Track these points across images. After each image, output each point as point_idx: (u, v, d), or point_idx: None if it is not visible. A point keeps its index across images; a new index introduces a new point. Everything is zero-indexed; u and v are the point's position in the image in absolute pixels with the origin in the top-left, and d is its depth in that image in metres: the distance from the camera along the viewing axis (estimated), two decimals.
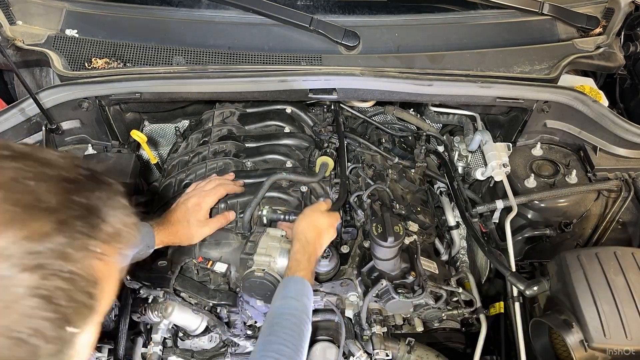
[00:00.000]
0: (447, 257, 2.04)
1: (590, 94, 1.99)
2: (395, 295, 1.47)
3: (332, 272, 1.61)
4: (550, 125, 1.96)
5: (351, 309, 1.58)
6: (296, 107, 1.99)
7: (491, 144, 1.94)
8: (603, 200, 1.87)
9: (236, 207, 1.59)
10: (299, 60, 1.83)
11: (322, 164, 1.70)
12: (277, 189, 1.64)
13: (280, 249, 1.45)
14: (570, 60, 1.90)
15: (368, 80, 1.77)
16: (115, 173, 1.71)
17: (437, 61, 1.87)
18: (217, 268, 1.49)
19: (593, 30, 2.00)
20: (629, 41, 2.14)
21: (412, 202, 1.85)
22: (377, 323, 1.53)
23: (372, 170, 1.91)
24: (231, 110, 2.00)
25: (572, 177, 1.86)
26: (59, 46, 1.82)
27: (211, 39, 1.91)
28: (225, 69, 1.79)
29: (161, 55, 1.82)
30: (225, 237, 1.54)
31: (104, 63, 1.80)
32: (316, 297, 1.53)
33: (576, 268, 1.48)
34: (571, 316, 1.41)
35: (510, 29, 1.99)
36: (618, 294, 1.40)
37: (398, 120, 2.22)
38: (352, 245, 1.70)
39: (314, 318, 1.55)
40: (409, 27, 1.97)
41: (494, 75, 1.85)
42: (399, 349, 1.52)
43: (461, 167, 2.09)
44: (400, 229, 1.49)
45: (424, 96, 1.84)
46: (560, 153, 1.99)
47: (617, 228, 1.88)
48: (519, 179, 1.89)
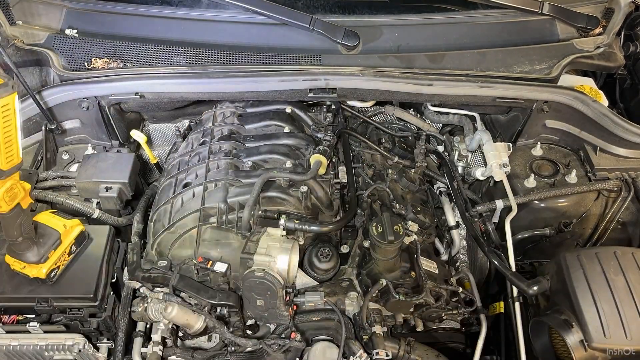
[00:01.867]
0: (447, 257, 2.04)
1: (590, 94, 1.99)
2: (395, 295, 1.47)
3: (332, 272, 1.61)
4: (550, 125, 1.96)
5: (351, 309, 1.58)
6: (296, 107, 1.99)
7: (491, 144, 1.94)
8: (603, 200, 1.87)
9: (236, 207, 1.59)
10: (299, 60, 1.83)
11: (315, 161, 1.69)
12: (277, 189, 1.64)
13: (280, 249, 1.45)
14: (570, 60, 1.90)
15: (368, 80, 1.77)
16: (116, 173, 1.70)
17: (437, 61, 1.87)
18: (217, 268, 1.48)
19: (593, 30, 2.00)
20: (629, 41, 2.14)
21: (412, 202, 1.85)
22: (377, 323, 1.53)
23: (372, 170, 1.91)
24: (231, 110, 2.00)
25: (572, 177, 1.86)
26: (59, 46, 1.83)
27: (211, 38, 1.91)
28: (225, 69, 1.79)
29: (161, 55, 1.82)
30: (225, 237, 1.54)
31: (104, 63, 1.81)
32: (316, 297, 1.53)
33: (576, 268, 1.48)
34: (571, 316, 1.41)
35: (510, 29, 1.99)
36: (618, 294, 1.40)
37: (398, 120, 2.22)
38: (352, 245, 1.70)
39: (314, 318, 1.55)
40: (409, 27, 1.97)
41: (493, 75, 1.85)
42: (399, 349, 1.52)
43: (461, 167, 2.09)
44: (400, 229, 1.49)
45: (423, 96, 1.84)
46: (560, 153, 1.99)
47: (617, 228, 1.89)
48: (519, 179, 1.89)
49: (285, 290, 1.43)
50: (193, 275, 1.52)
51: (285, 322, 1.51)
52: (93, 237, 1.60)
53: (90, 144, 1.92)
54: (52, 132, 1.84)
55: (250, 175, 1.67)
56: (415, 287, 1.54)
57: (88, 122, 1.87)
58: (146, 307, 1.50)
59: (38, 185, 1.72)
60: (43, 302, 1.46)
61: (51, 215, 1.53)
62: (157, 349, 1.50)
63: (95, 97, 1.78)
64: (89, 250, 1.57)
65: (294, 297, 1.53)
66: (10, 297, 1.46)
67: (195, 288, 1.48)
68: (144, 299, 1.52)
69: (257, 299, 1.44)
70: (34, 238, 1.42)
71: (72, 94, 1.75)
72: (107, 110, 1.82)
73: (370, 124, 2.15)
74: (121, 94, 1.78)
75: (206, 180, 1.66)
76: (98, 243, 1.59)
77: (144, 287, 1.51)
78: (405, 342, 1.54)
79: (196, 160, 1.79)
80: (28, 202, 1.34)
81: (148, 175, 2.20)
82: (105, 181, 1.70)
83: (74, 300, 1.48)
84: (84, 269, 1.51)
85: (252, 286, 1.41)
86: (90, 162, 1.74)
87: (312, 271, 1.61)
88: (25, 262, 1.42)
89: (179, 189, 1.69)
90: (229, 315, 1.51)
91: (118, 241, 1.70)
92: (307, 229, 1.55)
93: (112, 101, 1.82)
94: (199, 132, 1.95)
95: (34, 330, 1.48)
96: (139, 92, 1.77)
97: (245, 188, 1.63)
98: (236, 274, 1.50)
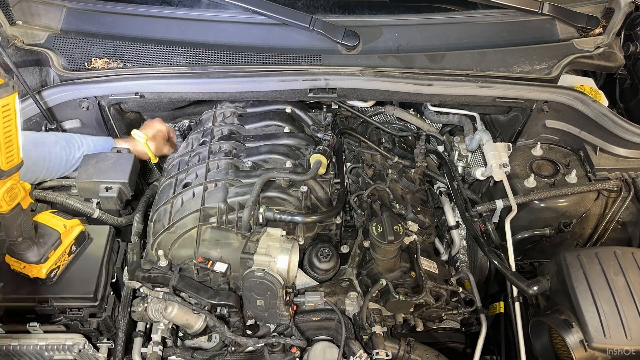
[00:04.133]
0: (447, 257, 2.04)
1: (590, 94, 2.00)
2: (395, 295, 1.47)
3: (332, 272, 1.61)
4: (550, 125, 1.96)
5: (351, 309, 1.58)
6: (296, 107, 1.99)
7: (491, 144, 1.94)
8: (603, 200, 1.87)
9: (236, 207, 1.59)
10: (299, 60, 1.83)
11: (315, 161, 1.70)
12: (277, 189, 1.64)
13: (280, 249, 1.45)
14: (570, 60, 1.90)
15: (368, 80, 1.77)
16: (116, 173, 1.70)
17: (437, 61, 1.87)
18: (217, 268, 1.48)
19: (593, 30, 2.00)
20: (629, 41, 2.14)
21: (412, 202, 1.85)
22: (377, 323, 1.53)
23: (372, 170, 1.91)
24: (231, 110, 2.00)
25: (572, 177, 1.86)
26: (59, 46, 1.83)
27: (211, 38, 1.91)
28: (225, 69, 1.79)
29: (161, 55, 1.82)
30: (225, 237, 1.54)
31: (104, 63, 1.81)
32: (316, 297, 1.53)
33: (576, 268, 1.48)
34: (571, 316, 1.41)
35: (510, 29, 2.00)
36: (618, 294, 1.40)
37: (398, 120, 2.22)
38: (352, 245, 1.70)
39: (314, 318, 1.55)
40: (409, 27, 1.97)
41: (493, 75, 1.85)
42: (399, 349, 1.52)
43: (461, 167, 2.09)
44: (400, 229, 1.49)
45: (423, 96, 1.84)
46: (560, 153, 1.99)
47: (617, 228, 1.89)
48: (519, 178, 1.89)
49: (285, 290, 1.43)
50: (193, 275, 1.52)
51: (285, 322, 1.51)
52: (93, 237, 1.60)
53: None
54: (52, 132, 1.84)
55: (250, 175, 1.67)
56: (415, 287, 1.54)
57: (88, 122, 1.87)
58: (146, 307, 1.50)
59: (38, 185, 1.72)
60: (43, 302, 1.46)
61: (51, 215, 1.53)
62: (157, 349, 1.51)
63: (95, 97, 1.78)
64: (89, 250, 1.57)
65: (294, 297, 1.53)
66: (10, 297, 1.46)
67: (195, 288, 1.48)
68: (144, 299, 1.52)
69: (257, 299, 1.44)
70: (34, 238, 1.42)
71: (72, 94, 1.75)
72: (107, 110, 1.83)
73: (370, 123, 2.15)
74: (121, 94, 1.78)
75: (206, 180, 1.66)
76: (98, 243, 1.59)
77: (144, 287, 1.51)
78: (405, 342, 1.54)
79: (196, 160, 1.79)
80: (28, 202, 1.34)
81: (148, 175, 2.20)
82: (105, 181, 1.69)
83: (74, 300, 1.48)
84: (84, 269, 1.51)
85: (252, 286, 1.41)
86: (90, 162, 1.74)
87: (312, 271, 1.61)
88: (25, 262, 1.42)
89: (179, 189, 1.69)
90: (229, 315, 1.51)
91: (118, 241, 1.69)
92: (287, 220, 1.54)
93: (112, 101, 1.82)
94: (199, 132, 1.95)
95: (34, 331, 1.48)
96: (139, 92, 1.77)
97: (245, 188, 1.63)
98: (236, 274, 1.50)
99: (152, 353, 1.50)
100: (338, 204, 1.67)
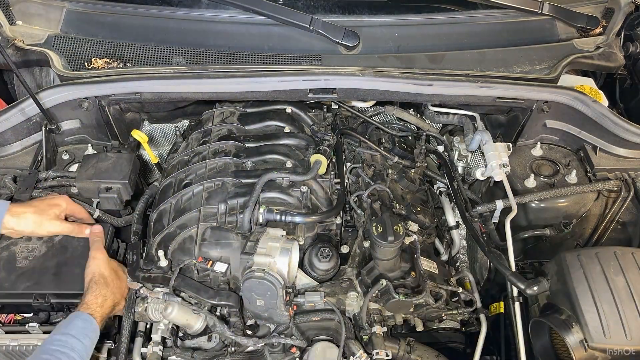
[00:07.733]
0: (447, 257, 2.04)
1: (590, 94, 1.99)
2: (395, 295, 1.47)
3: (332, 272, 1.61)
4: (550, 125, 1.96)
5: (351, 309, 1.58)
6: (296, 107, 1.99)
7: (491, 144, 1.94)
8: (603, 200, 1.87)
9: (236, 207, 1.59)
10: (299, 60, 1.83)
11: (315, 161, 1.70)
12: (277, 189, 1.64)
13: (280, 249, 1.45)
14: (570, 60, 1.90)
15: (368, 80, 1.77)
16: (116, 173, 1.70)
17: (437, 61, 1.87)
18: (217, 268, 1.48)
19: (593, 30, 2.00)
20: (629, 41, 2.14)
21: (412, 202, 1.85)
22: (377, 323, 1.53)
23: (372, 170, 1.91)
24: (231, 110, 2.00)
25: (572, 177, 1.86)
26: (59, 46, 1.83)
27: (211, 39, 1.91)
28: (225, 69, 1.79)
29: (161, 55, 1.83)
30: (225, 237, 1.54)
31: (104, 63, 1.81)
32: (316, 297, 1.53)
33: (576, 268, 1.48)
34: (571, 316, 1.41)
35: (510, 29, 2.00)
36: (618, 294, 1.40)
37: (398, 120, 2.22)
38: (352, 245, 1.70)
39: (314, 318, 1.55)
40: (409, 27, 1.97)
41: (493, 75, 1.85)
42: (399, 349, 1.52)
43: (461, 167, 2.09)
44: (400, 229, 1.49)
45: (423, 96, 1.84)
46: (560, 153, 1.99)
47: (617, 228, 1.88)
48: (519, 179, 1.89)
49: (285, 290, 1.43)
50: (193, 276, 1.52)
51: (285, 322, 1.51)
52: None
53: (90, 144, 1.92)
54: (52, 132, 1.84)
55: (250, 175, 1.67)
56: (415, 287, 1.54)
57: (88, 122, 1.87)
58: (146, 307, 1.50)
59: (38, 185, 1.72)
60: (40, 298, 1.46)
61: None
62: (157, 349, 1.50)
63: (96, 97, 1.77)
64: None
65: (294, 297, 1.53)
66: (7, 293, 1.46)
67: (195, 288, 1.48)
68: (144, 299, 1.52)
69: (257, 299, 1.44)
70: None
71: (72, 94, 1.75)
72: (107, 110, 1.82)
73: (370, 123, 2.15)
74: (121, 94, 1.77)
75: (206, 180, 1.66)
76: None
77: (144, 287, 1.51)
78: (405, 342, 1.54)
79: (196, 160, 1.79)
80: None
81: (148, 175, 2.20)
82: (105, 181, 1.69)
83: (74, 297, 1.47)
84: (84, 268, 1.50)
85: (252, 286, 1.41)
86: (90, 162, 1.74)
87: (312, 271, 1.61)
88: None
89: (179, 189, 1.69)
90: (229, 315, 1.51)
91: (118, 241, 1.70)
92: (288, 220, 1.54)
93: (112, 101, 1.81)
94: (199, 132, 1.95)
95: (33, 331, 1.48)
96: (139, 92, 1.77)
97: (245, 188, 1.63)
98: (236, 274, 1.50)
99: (152, 353, 1.49)
100: (338, 204, 1.67)
